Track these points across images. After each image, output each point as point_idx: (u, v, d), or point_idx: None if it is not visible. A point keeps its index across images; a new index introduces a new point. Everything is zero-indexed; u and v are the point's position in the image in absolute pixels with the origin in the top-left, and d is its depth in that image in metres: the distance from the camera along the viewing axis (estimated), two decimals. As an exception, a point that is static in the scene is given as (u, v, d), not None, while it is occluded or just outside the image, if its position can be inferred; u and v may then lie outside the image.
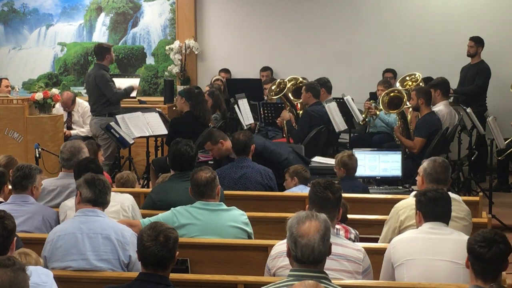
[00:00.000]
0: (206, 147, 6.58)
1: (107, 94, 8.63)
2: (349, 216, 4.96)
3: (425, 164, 4.83)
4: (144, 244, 3.53)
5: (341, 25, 10.75)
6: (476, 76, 9.47)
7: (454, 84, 9.40)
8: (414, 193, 4.57)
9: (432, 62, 10.19)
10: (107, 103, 8.71)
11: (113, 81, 8.83)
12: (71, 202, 4.81)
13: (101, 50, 8.85)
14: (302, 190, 5.83)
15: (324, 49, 10.79)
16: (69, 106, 9.53)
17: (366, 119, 8.91)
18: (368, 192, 6.29)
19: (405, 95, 8.11)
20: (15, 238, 3.67)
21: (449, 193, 4.29)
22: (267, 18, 10.98)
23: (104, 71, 8.76)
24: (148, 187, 8.12)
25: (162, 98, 10.66)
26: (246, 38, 11.09)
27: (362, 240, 4.69)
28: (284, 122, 8.61)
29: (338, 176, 6.29)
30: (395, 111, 8.16)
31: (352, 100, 8.85)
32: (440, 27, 10.45)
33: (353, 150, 7.14)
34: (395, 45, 10.56)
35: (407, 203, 4.67)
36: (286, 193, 6.03)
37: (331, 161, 7.10)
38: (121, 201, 4.86)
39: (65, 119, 9.33)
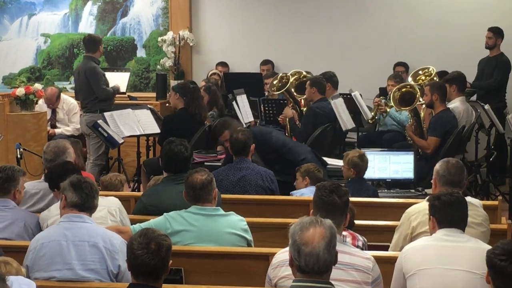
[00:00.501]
0: (223, 137, 6.57)
1: (95, 89, 8.64)
2: (357, 222, 4.96)
3: (437, 165, 4.84)
4: (135, 253, 3.52)
5: (348, 15, 10.75)
6: (495, 70, 9.46)
7: (471, 78, 9.40)
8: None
9: (447, 55, 10.18)
10: (98, 98, 8.72)
11: (104, 76, 8.85)
12: (50, 211, 4.81)
13: (93, 41, 8.89)
14: (312, 193, 5.82)
15: (330, 40, 10.79)
16: (53, 102, 9.53)
17: (376, 117, 8.92)
18: (377, 196, 6.30)
19: (418, 91, 8.11)
20: (-5, 246, 3.68)
21: (467, 197, 4.29)
22: (268, 7, 10.99)
23: (95, 63, 8.80)
24: (138, 191, 8.12)
25: (154, 94, 10.66)
26: (245, 29, 11.09)
27: (371, 248, 4.69)
28: (287, 120, 8.61)
29: (345, 177, 6.29)
30: (407, 108, 8.16)
31: (360, 96, 8.86)
32: (456, 16, 10.45)
33: (362, 150, 7.13)
34: (407, 37, 10.56)
35: (420, 208, 4.67)
36: (289, 197, 6.03)
37: (337, 162, 7.10)
38: (108, 205, 4.85)
39: (48, 117, 9.32)
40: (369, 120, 8.89)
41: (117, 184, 6.13)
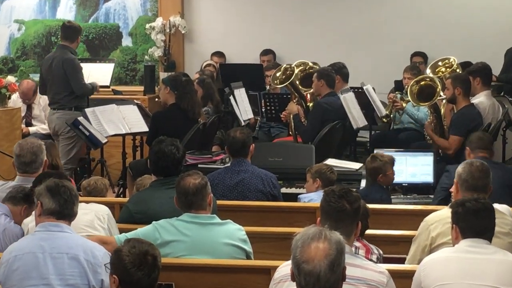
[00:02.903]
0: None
1: (74, 84, 8.56)
2: (370, 231, 4.95)
3: (459, 168, 4.85)
4: (130, 268, 3.55)
5: (359, -1, 10.78)
6: (525, 61, 9.48)
7: (497, 70, 9.39)
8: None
9: (470, 44, 10.18)
10: (74, 93, 8.63)
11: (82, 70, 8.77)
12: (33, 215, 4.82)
13: (72, 30, 8.79)
14: None
15: (340, 27, 10.79)
16: (29, 97, 9.52)
17: (391, 115, 8.88)
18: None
19: (439, 84, 8.11)
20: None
21: (495, 204, 4.29)
22: (269, -10, 11.01)
23: (72, 55, 8.71)
24: (124, 196, 8.11)
25: (141, 88, 10.66)
26: (244, 15, 11.09)
27: (385, 260, 4.69)
28: (291, 116, 8.61)
29: None
30: (426, 103, 8.15)
31: (374, 90, 8.85)
32: (480, 1, 10.44)
33: (375, 150, 7.13)
34: (425, 23, 10.56)
35: (440, 216, 4.67)
36: (293, 203, 6.03)
37: (348, 165, 7.10)
38: (96, 209, 4.91)
39: (23, 114, 9.31)
40: (383, 119, 8.87)
41: (102, 188, 6.13)
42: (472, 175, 4.78)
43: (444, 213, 4.62)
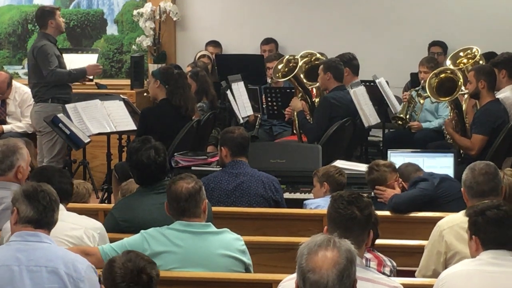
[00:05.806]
0: None
1: (43, 70, 8.52)
2: (381, 241, 4.96)
3: (463, 175, 4.87)
4: (119, 283, 3.59)
5: (371, -18, 10.80)
6: (556, 51, 9.47)
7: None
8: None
9: (494, 33, 10.19)
10: (49, 84, 8.59)
11: (57, 56, 8.69)
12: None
13: (40, 15, 8.80)
14: None
15: (349, 14, 10.80)
16: (4, 91, 9.52)
17: (406, 117, 8.82)
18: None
19: (461, 77, 8.09)
20: None
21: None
22: (271, -28, 11.04)
23: (48, 41, 8.66)
24: (109, 202, 8.12)
25: (128, 81, 10.66)
26: (242, 0, 11.09)
27: (399, 273, 4.70)
28: (295, 113, 8.61)
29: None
30: (446, 98, 8.15)
31: (387, 83, 8.85)
32: (506, -16, 10.48)
33: (388, 151, 7.13)
34: (444, 10, 10.56)
35: (454, 220, 4.70)
36: (298, 210, 6.04)
37: (358, 167, 7.11)
38: (86, 225, 4.88)
39: (-3, 110, 9.34)
40: (398, 122, 8.80)
41: (84, 193, 6.13)
42: (476, 180, 4.79)
43: (458, 216, 4.64)
